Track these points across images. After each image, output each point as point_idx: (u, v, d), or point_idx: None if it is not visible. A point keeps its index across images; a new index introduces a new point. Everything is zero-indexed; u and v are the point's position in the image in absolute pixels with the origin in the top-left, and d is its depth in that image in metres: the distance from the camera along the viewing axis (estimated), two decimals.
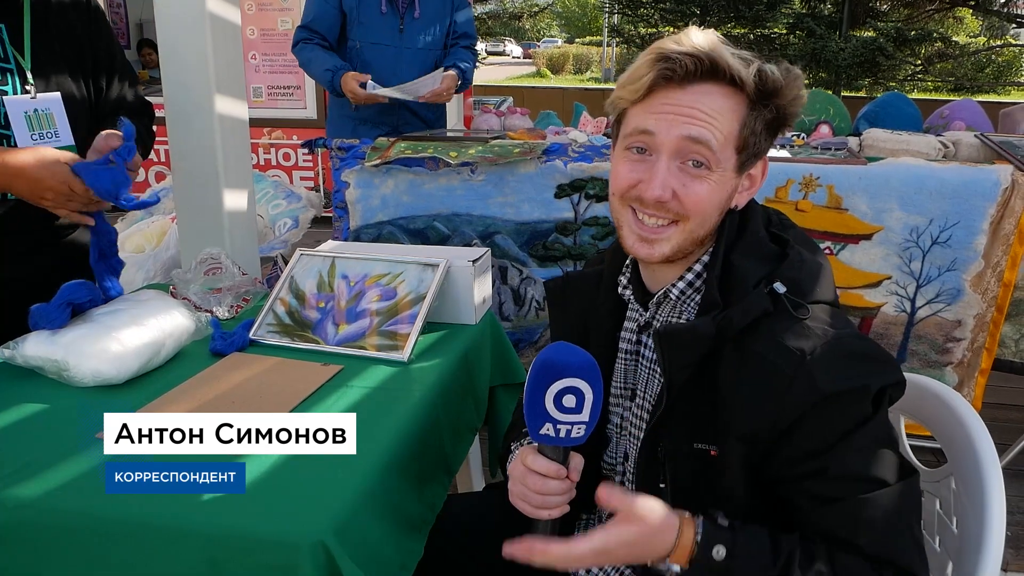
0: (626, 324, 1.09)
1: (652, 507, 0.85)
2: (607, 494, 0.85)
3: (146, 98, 1.65)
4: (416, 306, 1.45)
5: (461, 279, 1.53)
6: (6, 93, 1.35)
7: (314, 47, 2.55)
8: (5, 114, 1.34)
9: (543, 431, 0.87)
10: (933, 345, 2.06)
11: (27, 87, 1.37)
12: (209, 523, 0.90)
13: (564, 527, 0.95)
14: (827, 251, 2.00)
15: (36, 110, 1.37)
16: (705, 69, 0.89)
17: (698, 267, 0.98)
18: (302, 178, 6.02)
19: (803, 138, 2.32)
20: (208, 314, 1.53)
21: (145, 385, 1.25)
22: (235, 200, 1.93)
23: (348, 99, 2.47)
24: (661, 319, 1.02)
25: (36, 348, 1.23)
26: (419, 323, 1.41)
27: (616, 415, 1.09)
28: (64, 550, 0.93)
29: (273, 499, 0.94)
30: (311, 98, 5.96)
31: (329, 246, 1.71)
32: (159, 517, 0.91)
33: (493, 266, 2.14)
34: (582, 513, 1.16)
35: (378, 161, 2.08)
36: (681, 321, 0.99)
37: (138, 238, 2.35)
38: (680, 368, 0.92)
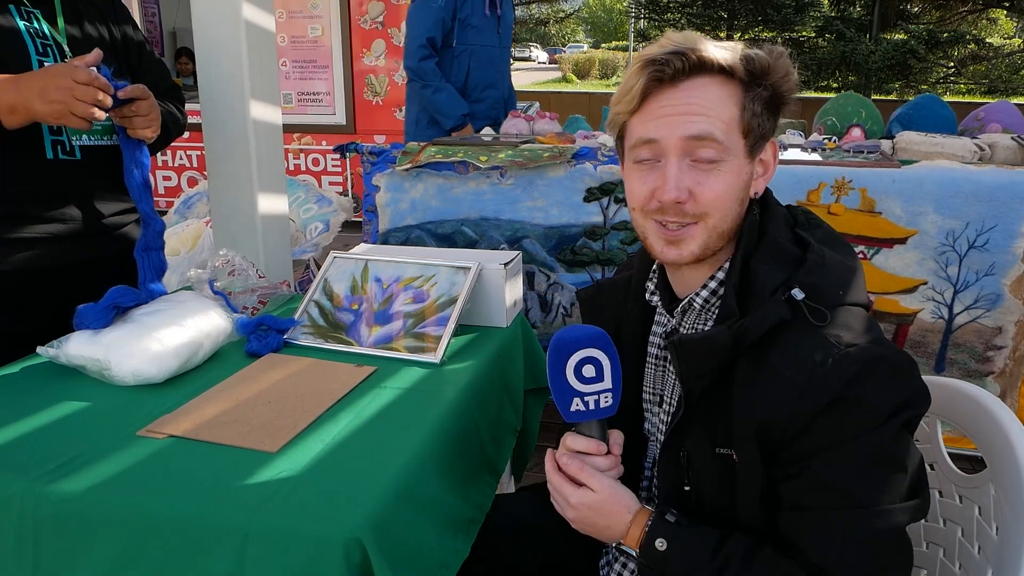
0: (654, 329, 1.09)
1: (615, 485, 0.96)
2: (577, 467, 0.96)
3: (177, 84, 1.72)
4: (448, 309, 1.46)
5: (493, 282, 1.54)
6: (46, 64, 1.40)
7: (444, 83, 2.74)
8: None
9: (574, 408, 0.93)
10: (973, 354, 2.02)
11: (66, 61, 1.41)
12: (245, 518, 0.91)
13: None
14: (860, 255, 1.98)
15: None
16: (693, 63, 0.90)
17: (720, 274, 0.98)
18: (331, 183, 6.08)
19: (835, 141, 2.30)
20: (246, 313, 1.56)
21: (183, 384, 1.28)
22: (269, 204, 1.96)
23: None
24: (687, 327, 1.02)
25: (79, 348, 1.26)
26: (451, 325, 1.42)
27: (647, 420, 1.09)
28: (104, 544, 0.94)
29: (308, 496, 0.95)
30: (340, 104, 6.03)
31: (361, 249, 1.73)
32: (196, 512, 0.93)
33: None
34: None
35: (409, 165, 2.10)
36: (705, 329, 0.99)
37: (173, 241, 2.39)
38: (696, 377, 0.92)
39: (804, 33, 10.63)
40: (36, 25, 1.44)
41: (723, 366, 0.90)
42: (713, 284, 0.98)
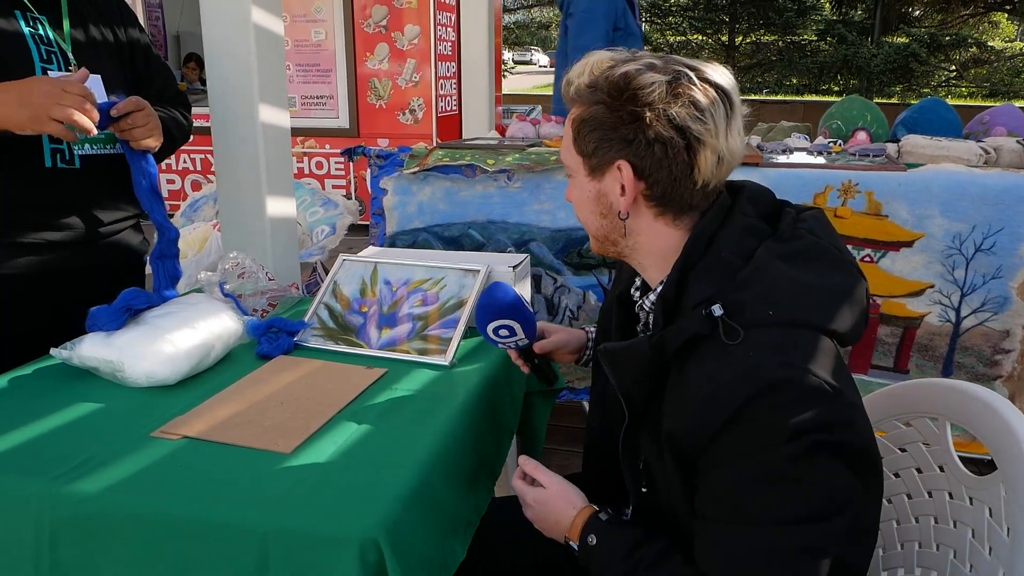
0: (639, 328, 1.12)
1: (563, 482, 1.08)
2: (532, 466, 1.10)
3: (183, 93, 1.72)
4: (457, 311, 1.46)
5: None
6: (50, 71, 1.40)
7: None
8: None
9: (500, 345, 1.27)
10: (980, 357, 2.02)
11: (70, 68, 1.42)
12: (264, 519, 0.92)
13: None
14: (867, 259, 1.99)
15: None
16: (569, 97, 1.00)
17: (660, 288, 1.00)
18: (334, 186, 6.10)
19: (840, 144, 2.31)
20: (255, 316, 1.56)
21: (196, 386, 1.28)
22: (277, 207, 1.97)
23: None
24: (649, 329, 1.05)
25: (92, 349, 1.27)
26: (461, 328, 1.43)
27: None
28: (122, 544, 0.95)
29: (324, 496, 0.96)
30: (343, 108, 6.05)
31: (370, 251, 1.73)
32: (214, 513, 0.93)
33: None
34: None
35: (416, 169, 2.11)
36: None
37: (180, 244, 2.38)
38: (631, 383, 0.97)
39: (806, 36, 10.66)
40: (41, 31, 1.42)
41: (656, 373, 0.92)
42: (655, 293, 1.02)
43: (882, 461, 1.04)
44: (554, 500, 1.07)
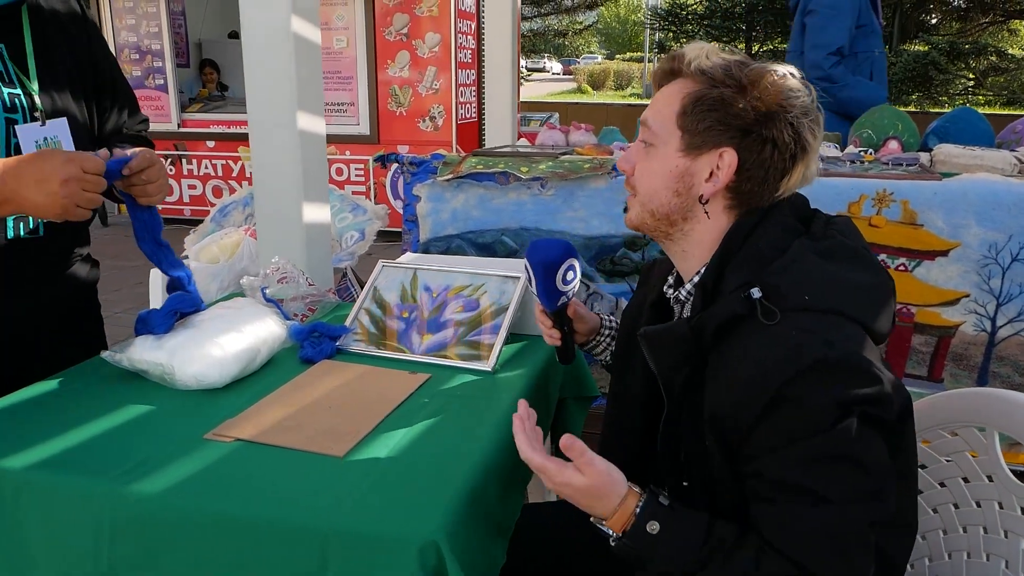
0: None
1: (603, 468, 0.93)
2: (569, 442, 0.93)
3: (142, 131, 1.56)
4: (499, 317, 1.47)
5: None
6: (16, 122, 1.25)
7: (854, 77, 2.85)
8: (17, 144, 1.26)
9: (560, 303, 1.24)
10: (1016, 367, 2.01)
11: (35, 113, 1.28)
12: (323, 521, 0.93)
13: None
14: (902, 268, 1.99)
15: (46, 138, 1.29)
16: (666, 70, 1.04)
17: (696, 277, 1.04)
18: (354, 192, 6.13)
19: (872, 153, 2.30)
20: (296, 320, 1.58)
21: (243, 389, 1.30)
22: (313, 213, 1.98)
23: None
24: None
25: (142, 352, 1.29)
26: (503, 333, 1.44)
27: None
28: (180, 544, 0.96)
29: (380, 499, 0.97)
30: (364, 114, 6.10)
31: (408, 258, 1.75)
32: (272, 514, 0.95)
33: None
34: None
35: (450, 176, 2.12)
36: None
37: (214, 249, 2.42)
38: (668, 369, 0.98)
39: None
40: (1, 68, 1.26)
41: (694, 358, 0.94)
42: (696, 279, 1.04)
43: (917, 459, 1.04)
44: (599, 493, 0.94)
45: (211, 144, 6.48)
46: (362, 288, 2.61)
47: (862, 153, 2.29)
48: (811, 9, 3.00)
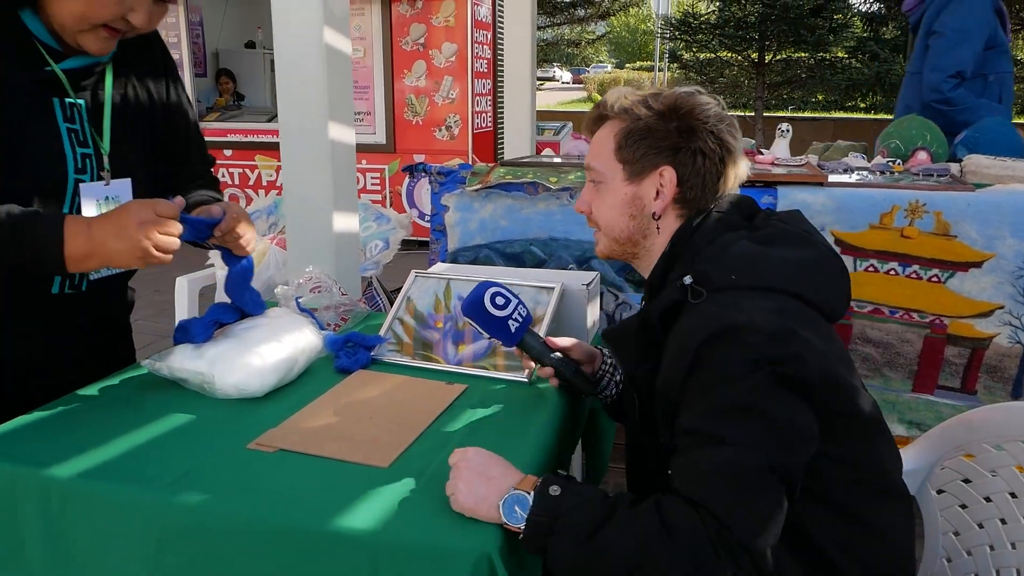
0: None
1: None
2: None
3: (213, 173, 1.57)
4: (534, 328, 1.47)
5: (575, 302, 1.56)
6: (83, 180, 1.26)
7: (975, 99, 2.75)
8: (80, 203, 1.26)
9: (513, 329, 1.25)
10: None
11: (103, 173, 1.28)
12: (373, 533, 0.92)
13: None
14: (935, 279, 1.97)
15: (107, 197, 1.29)
16: (594, 117, 1.19)
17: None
18: (371, 201, 6.16)
19: (900, 164, 2.29)
20: (329, 330, 1.58)
21: (281, 399, 1.30)
22: (343, 222, 1.99)
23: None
24: None
25: (183, 361, 1.29)
26: None
27: None
28: (228, 554, 0.96)
29: (429, 511, 0.97)
30: (380, 124, 6.12)
31: (440, 268, 1.75)
32: (320, 525, 0.94)
33: None
34: None
35: (479, 186, 2.13)
36: None
37: None
38: (633, 364, 1.11)
39: (838, 54, 10.60)
40: (77, 124, 1.25)
41: (652, 349, 1.06)
42: (647, 277, 1.18)
43: (877, 406, 1.08)
44: (492, 458, 1.00)
45: (228, 153, 6.52)
46: (387, 297, 2.62)
47: (891, 164, 2.28)
48: (936, 31, 2.88)
